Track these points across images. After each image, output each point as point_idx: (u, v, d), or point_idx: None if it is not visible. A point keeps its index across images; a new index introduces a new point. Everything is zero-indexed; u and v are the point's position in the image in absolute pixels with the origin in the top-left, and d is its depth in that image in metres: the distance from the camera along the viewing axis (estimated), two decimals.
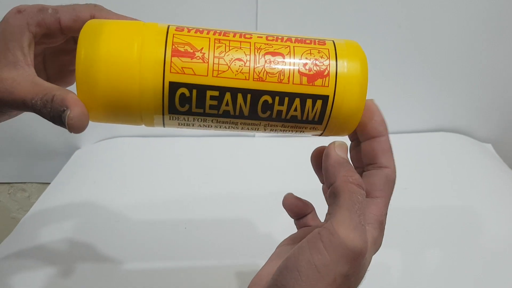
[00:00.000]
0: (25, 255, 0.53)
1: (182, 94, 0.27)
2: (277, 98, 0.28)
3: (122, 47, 0.27)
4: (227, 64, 0.27)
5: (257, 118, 0.29)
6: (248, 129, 0.30)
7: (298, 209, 0.35)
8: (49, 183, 0.71)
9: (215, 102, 0.28)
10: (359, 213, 0.26)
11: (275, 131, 0.30)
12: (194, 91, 0.27)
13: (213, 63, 0.27)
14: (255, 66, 0.27)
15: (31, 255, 0.53)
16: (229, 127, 0.30)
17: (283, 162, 0.74)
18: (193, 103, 0.28)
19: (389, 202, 0.29)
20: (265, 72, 0.27)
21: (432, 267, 0.53)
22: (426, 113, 0.84)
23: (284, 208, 0.35)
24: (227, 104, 0.28)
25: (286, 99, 0.28)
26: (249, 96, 0.28)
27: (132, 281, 0.50)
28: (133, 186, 0.68)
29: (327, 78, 0.28)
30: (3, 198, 0.95)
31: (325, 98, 0.28)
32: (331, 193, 0.28)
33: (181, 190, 0.66)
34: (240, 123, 0.29)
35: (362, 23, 0.71)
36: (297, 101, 0.28)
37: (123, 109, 0.27)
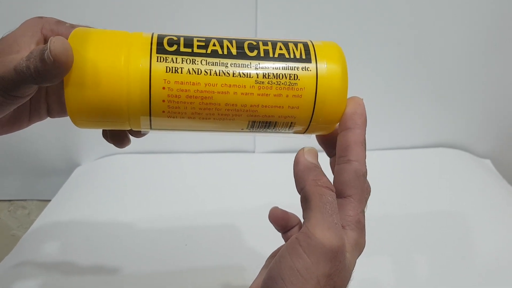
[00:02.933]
0: (26, 273, 0.53)
1: (170, 38, 0.29)
2: (260, 42, 0.30)
3: (109, 52, 0.28)
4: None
5: (246, 58, 0.29)
6: (240, 75, 0.29)
7: (284, 222, 0.35)
8: (50, 200, 0.71)
9: (202, 43, 0.29)
10: (331, 212, 0.27)
11: (267, 76, 0.29)
12: (182, 39, 0.29)
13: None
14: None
15: (32, 273, 0.53)
16: (219, 72, 0.28)
17: (282, 178, 0.74)
18: (181, 44, 0.29)
19: (363, 198, 0.29)
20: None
21: (430, 281, 0.53)
22: (425, 129, 0.84)
23: (270, 221, 0.36)
24: (214, 45, 0.29)
25: (269, 43, 0.30)
26: (234, 41, 0.29)
27: None
28: (134, 203, 0.68)
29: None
30: (3, 215, 0.94)
31: (305, 43, 0.31)
32: (302, 198, 0.29)
33: (182, 207, 0.66)
34: (230, 65, 0.29)
35: (362, 41, 0.72)
36: (279, 44, 0.30)
37: (110, 97, 0.28)
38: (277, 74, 0.29)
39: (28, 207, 0.94)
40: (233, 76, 0.28)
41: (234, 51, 0.29)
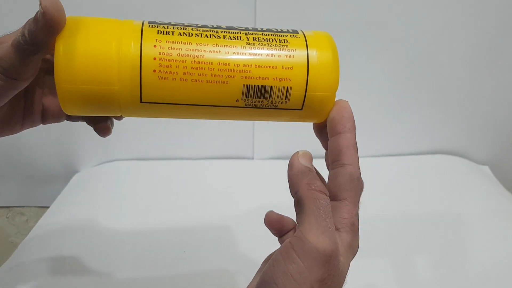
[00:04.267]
0: (24, 279, 0.53)
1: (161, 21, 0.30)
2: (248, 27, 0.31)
3: (100, 36, 0.28)
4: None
5: (235, 29, 0.30)
6: (230, 38, 0.29)
7: (279, 225, 0.35)
8: (48, 207, 0.71)
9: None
10: (324, 217, 0.27)
11: (258, 39, 0.30)
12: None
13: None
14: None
15: (30, 279, 0.53)
16: (210, 35, 0.29)
17: (281, 184, 0.74)
18: (172, 22, 0.29)
19: (357, 201, 0.29)
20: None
21: (429, 287, 0.53)
22: (424, 136, 0.84)
23: (266, 225, 0.36)
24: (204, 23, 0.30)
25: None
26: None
27: None
28: (132, 209, 0.68)
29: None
30: (1, 222, 0.94)
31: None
32: (296, 202, 0.29)
33: (180, 213, 0.66)
34: (221, 31, 0.29)
35: (360, 47, 0.73)
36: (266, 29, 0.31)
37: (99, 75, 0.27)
38: (267, 38, 0.30)
39: (26, 214, 0.94)
40: (223, 38, 0.29)
41: (223, 25, 0.30)
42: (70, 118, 0.38)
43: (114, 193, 0.73)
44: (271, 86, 0.29)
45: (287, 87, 0.29)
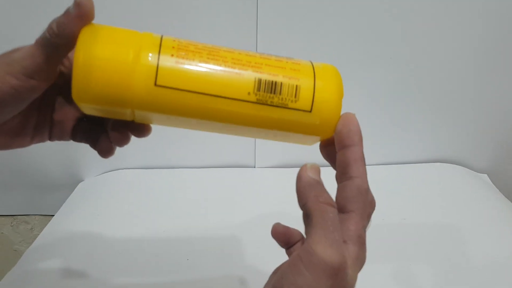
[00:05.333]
0: None
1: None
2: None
3: (119, 47, 0.29)
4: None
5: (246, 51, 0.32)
6: (241, 52, 0.31)
7: (286, 237, 0.35)
8: (53, 216, 0.72)
9: None
10: (332, 229, 0.27)
11: (268, 58, 0.31)
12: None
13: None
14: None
15: None
16: (224, 47, 0.31)
17: (283, 192, 0.75)
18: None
19: (365, 213, 0.30)
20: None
21: None
22: (423, 144, 0.85)
23: (273, 237, 0.36)
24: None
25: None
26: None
27: None
28: (136, 217, 0.68)
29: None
30: (6, 230, 0.95)
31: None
32: (304, 214, 0.29)
33: (183, 222, 0.67)
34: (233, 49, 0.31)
35: (359, 57, 0.74)
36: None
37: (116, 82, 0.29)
38: (275, 57, 0.32)
39: (31, 222, 0.94)
40: (236, 49, 0.31)
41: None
42: (75, 138, 0.39)
43: (118, 202, 0.74)
44: (281, 82, 0.30)
45: (296, 85, 0.30)
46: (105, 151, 0.38)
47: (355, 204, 0.29)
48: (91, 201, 0.75)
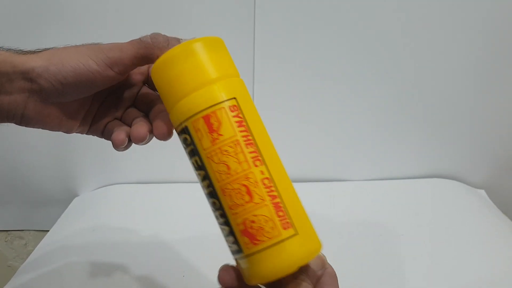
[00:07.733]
0: None
1: None
2: None
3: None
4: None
5: None
6: None
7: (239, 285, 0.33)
8: (47, 231, 0.71)
9: None
10: None
11: None
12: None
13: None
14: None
15: None
16: None
17: None
18: None
19: None
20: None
21: None
22: (420, 160, 0.85)
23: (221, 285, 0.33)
24: None
25: None
26: None
27: None
28: (131, 233, 0.68)
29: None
30: (0, 245, 0.94)
31: None
32: None
33: (179, 237, 0.66)
34: None
35: (356, 72, 0.74)
36: None
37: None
38: None
39: (26, 238, 0.93)
40: None
41: None
42: (89, 132, 0.39)
43: (113, 217, 0.73)
44: None
45: None
46: (118, 142, 0.37)
47: (331, 286, 0.31)
48: (86, 216, 0.75)
